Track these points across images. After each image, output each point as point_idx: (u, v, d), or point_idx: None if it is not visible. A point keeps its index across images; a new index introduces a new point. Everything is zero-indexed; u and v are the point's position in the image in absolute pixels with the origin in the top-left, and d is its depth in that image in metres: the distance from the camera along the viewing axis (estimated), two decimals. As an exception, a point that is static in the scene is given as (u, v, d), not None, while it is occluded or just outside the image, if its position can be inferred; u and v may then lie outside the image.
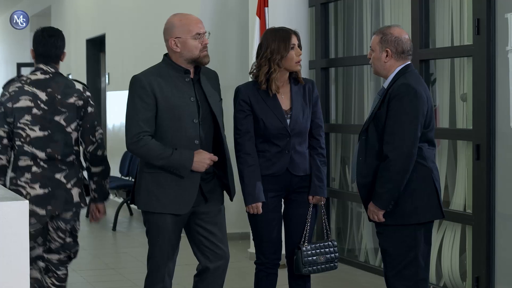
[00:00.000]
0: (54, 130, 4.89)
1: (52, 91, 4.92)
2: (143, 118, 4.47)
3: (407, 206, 4.46)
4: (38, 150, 4.86)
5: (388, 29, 4.61)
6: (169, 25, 4.63)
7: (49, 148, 4.87)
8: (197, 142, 4.54)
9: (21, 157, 4.88)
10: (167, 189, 4.53)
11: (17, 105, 4.87)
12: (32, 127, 4.86)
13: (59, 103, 4.91)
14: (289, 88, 4.93)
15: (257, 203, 4.83)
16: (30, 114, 4.86)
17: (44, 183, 4.86)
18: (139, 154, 4.54)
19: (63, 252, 5.07)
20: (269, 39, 4.89)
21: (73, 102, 4.96)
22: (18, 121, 4.85)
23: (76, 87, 5.02)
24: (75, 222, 5.03)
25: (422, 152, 4.47)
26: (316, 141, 4.98)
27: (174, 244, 4.65)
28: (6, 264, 3.28)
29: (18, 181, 4.87)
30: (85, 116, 5.03)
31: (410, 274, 4.49)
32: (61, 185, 4.90)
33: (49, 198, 4.86)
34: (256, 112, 4.84)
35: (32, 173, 4.86)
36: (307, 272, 4.93)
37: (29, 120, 4.86)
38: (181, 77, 4.57)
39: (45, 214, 4.86)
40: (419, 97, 4.39)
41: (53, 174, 4.88)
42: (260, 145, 4.88)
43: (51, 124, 4.89)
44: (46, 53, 5.00)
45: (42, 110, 4.88)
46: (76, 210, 5.00)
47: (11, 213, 3.27)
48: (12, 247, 3.28)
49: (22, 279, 3.29)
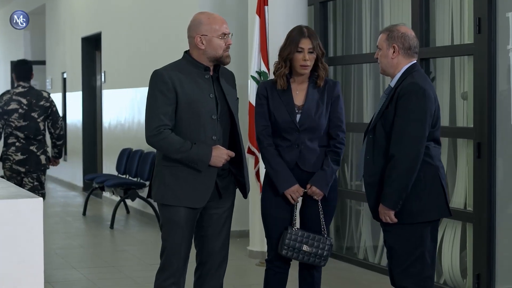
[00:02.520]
0: (30, 121, 7.93)
1: (29, 98, 7.97)
2: (163, 111, 4.55)
3: (414, 205, 4.49)
4: (20, 132, 7.91)
5: (395, 26, 4.65)
6: (196, 22, 4.68)
7: (26, 131, 7.91)
8: (215, 138, 4.63)
9: (10, 138, 7.95)
10: (184, 182, 4.60)
11: (9, 108, 7.95)
12: (18, 120, 7.91)
13: (34, 105, 7.95)
14: (306, 85, 4.99)
15: (295, 187, 4.87)
16: (17, 113, 7.92)
17: (23, 152, 7.92)
18: (158, 147, 4.61)
19: (33, 191, 7.75)
20: (289, 34, 5.01)
21: (43, 104, 7.98)
22: (10, 117, 7.91)
23: (43, 95, 8.05)
24: (41, 175, 8.03)
25: (429, 150, 4.50)
26: (333, 140, 4.99)
27: (188, 239, 4.69)
28: (21, 261, 3.30)
29: (8, 152, 7.95)
30: (51, 113, 8.03)
31: (416, 272, 4.52)
32: (33, 153, 7.95)
33: (26, 161, 7.93)
34: (270, 106, 4.94)
35: (15, 146, 7.93)
36: (285, 255, 4.90)
37: (16, 116, 7.90)
38: (201, 73, 4.65)
39: (24, 170, 7.92)
40: (427, 96, 4.43)
41: (28, 147, 7.93)
42: (274, 140, 4.97)
43: (28, 118, 7.92)
44: (23, 75, 8.09)
45: (23, 110, 7.93)
46: (43, 168, 8.03)
47: (26, 210, 3.30)
48: (26, 244, 3.31)
49: (37, 275, 3.32)
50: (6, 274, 3.24)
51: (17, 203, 3.26)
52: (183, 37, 9.79)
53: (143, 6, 11.29)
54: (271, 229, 5.01)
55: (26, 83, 8.03)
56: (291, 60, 4.93)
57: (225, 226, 4.80)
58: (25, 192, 3.49)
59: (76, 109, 14.60)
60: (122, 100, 12.16)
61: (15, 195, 3.41)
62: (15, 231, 3.25)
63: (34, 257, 3.28)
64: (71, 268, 7.65)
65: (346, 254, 7.89)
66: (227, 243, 4.83)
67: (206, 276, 4.80)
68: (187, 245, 4.70)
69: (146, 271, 7.55)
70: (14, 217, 3.23)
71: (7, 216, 3.22)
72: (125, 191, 10.32)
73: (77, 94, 14.49)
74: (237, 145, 4.74)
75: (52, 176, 15.61)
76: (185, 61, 4.71)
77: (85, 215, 11.35)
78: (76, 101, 14.55)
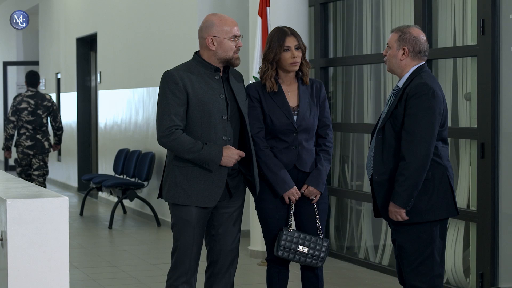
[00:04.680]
0: (37, 117, 10.70)
1: (36, 99, 10.76)
2: (175, 112, 4.60)
3: (423, 204, 4.55)
4: (29, 125, 10.66)
5: (407, 28, 4.68)
6: (208, 23, 4.72)
7: (34, 124, 10.66)
8: (225, 138, 4.69)
9: (21, 129, 10.67)
10: (195, 182, 4.65)
11: (20, 106, 10.70)
12: (27, 116, 10.66)
13: (39, 105, 10.74)
14: (296, 86, 5.03)
15: (294, 188, 4.91)
16: (27, 110, 10.68)
17: (32, 140, 10.65)
18: (170, 147, 4.66)
19: (39, 170, 10.76)
20: (270, 37, 5.04)
21: (46, 104, 10.79)
22: (21, 114, 10.66)
23: (46, 97, 10.89)
24: (45, 157, 10.78)
25: (438, 150, 4.57)
26: (323, 139, 5.06)
27: (199, 238, 4.73)
28: (47, 260, 3.33)
29: (20, 139, 10.64)
30: (52, 111, 10.85)
31: (426, 270, 4.58)
32: (39, 140, 10.69)
33: (34, 146, 10.66)
34: (264, 108, 4.95)
35: (26, 135, 10.65)
36: (282, 256, 4.93)
37: (26, 113, 10.67)
38: (211, 74, 4.71)
39: (32, 153, 10.63)
40: (437, 96, 4.50)
41: (35, 135, 10.67)
42: (268, 141, 4.97)
43: (35, 114, 10.70)
44: (32, 83, 10.88)
45: (32, 108, 10.69)
46: (47, 151, 10.77)
47: (52, 209, 3.33)
48: (52, 243, 3.34)
49: (63, 274, 3.35)
50: (33, 272, 3.27)
51: (44, 202, 3.29)
52: (181, 38, 9.94)
53: (140, 7, 11.31)
54: (270, 230, 5.03)
55: (34, 88, 10.86)
56: (278, 61, 4.95)
57: (236, 225, 4.87)
58: (48, 191, 3.53)
59: (70, 109, 14.60)
60: (119, 101, 12.18)
61: (41, 194, 3.44)
62: (42, 229, 3.29)
63: (60, 254, 3.32)
64: (73, 268, 7.66)
65: (347, 253, 7.95)
66: (237, 242, 4.88)
67: (217, 275, 4.86)
68: (198, 244, 4.75)
69: (149, 271, 7.60)
70: (41, 216, 3.27)
71: (34, 215, 3.25)
72: (123, 191, 10.34)
73: (71, 94, 14.49)
74: (246, 145, 4.80)
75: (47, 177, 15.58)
76: (195, 62, 4.76)
77: (82, 215, 11.36)
78: (71, 101, 14.55)
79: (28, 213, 3.25)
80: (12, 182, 4.08)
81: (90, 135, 14.17)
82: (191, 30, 9.55)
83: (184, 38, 9.81)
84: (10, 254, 3.24)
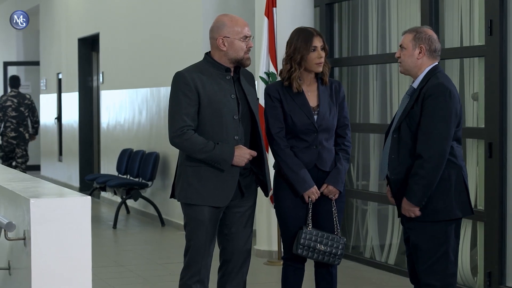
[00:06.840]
0: (19, 112, 13.72)
1: (18, 98, 13.81)
2: (186, 112, 4.63)
3: (439, 203, 4.59)
4: (13, 119, 13.66)
5: (421, 28, 4.74)
6: (219, 23, 4.74)
7: (17, 118, 13.66)
8: (237, 138, 4.72)
9: (7, 123, 13.60)
10: (207, 182, 4.68)
11: (6, 104, 13.74)
12: (12, 112, 13.64)
13: (21, 103, 13.73)
14: (316, 86, 5.06)
15: (314, 188, 4.95)
16: (11, 107, 13.72)
17: (15, 131, 13.69)
18: (182, 147, 4.69)
19: (22, 158, 13.74)
20: (293, 38, 5.04)
21: (26, 102, 13.83)
22: (6, 110, 13.70)
23: (27, 97, 13.97)
24: (25, 146, 13.78)
25: (453, 150, 4.60)
26: (342, 138, 5.10)
27: (212, 237, 4.76)
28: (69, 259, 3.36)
29: (6, 131, 13.54)
30: (31, 108, 13.85)
31: (441, 269, 4.62)
32: (21, 132, 13.72)
33: (17, 137, 13.71)
34: (285, 108, 4.98)
35: (10, 128, 13.65)
36: (301, 254, 4.97)
37: (10, 110, 13.67)
38: (222, 75, 4.73)
39: (15, 142, 13.63)
40: (453, 97, 4.55)
41: (18, 128, 13.71)
42: (289, 141, 5.01)
43: (18, 111, 13.70)
44: (14, 85, 13.98)
45: (15, 106, 13.70)
46: (27, 141, 13.78)
47: (75, 209, 3.36)
48: (75, 242, 3.37)
49: (85, 273, 3.38)
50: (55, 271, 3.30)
51: (67, 201, 3.32)
52: (184, 38, 9.96)
53: (142, 6, 11.33)
54: (289, 229, 5.06)
55: (16, 89, 13.94)
56: (302, 61, 4.98)
57: (248, 224, 4.89)
58: (71, 191, 3.56)
59: (72, 109, 14.61)
60: (121, 101, 12.20)
61: (64, 193, 3.47)
62: (65, 228, 3.31)
63: (83, 253, 3.35)
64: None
65: (353, 253, 7.98)
66: (250, 241, 4.91)
67: (230, 274, 4.88)
68: (211, 244, 4.78)
69: (156, 270, 7.63)
70: (64, 215, 3.30)
71: (57, 214, 3.28)
72: (127, 191, 10.36)
73: (73, 94, 14.50)
74: (258, 145, 4.83)
75: (47, 177, 15.62)
76: (206, 63, 4.78)
77: None
78: (72, 101, 14.57)
79: (51, 212, 3.28)
80: (30, 181, 4.11)
81: (91, 135, 14.19)
82: (194, 30, 9.58)
83: (188, 38, 9.83)
84: (33, 253, 3.27)
